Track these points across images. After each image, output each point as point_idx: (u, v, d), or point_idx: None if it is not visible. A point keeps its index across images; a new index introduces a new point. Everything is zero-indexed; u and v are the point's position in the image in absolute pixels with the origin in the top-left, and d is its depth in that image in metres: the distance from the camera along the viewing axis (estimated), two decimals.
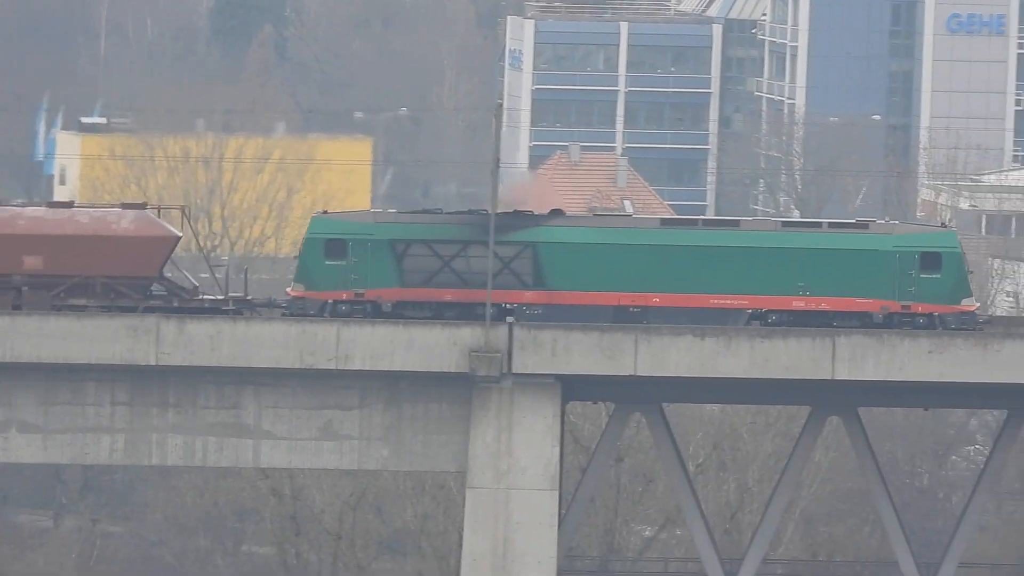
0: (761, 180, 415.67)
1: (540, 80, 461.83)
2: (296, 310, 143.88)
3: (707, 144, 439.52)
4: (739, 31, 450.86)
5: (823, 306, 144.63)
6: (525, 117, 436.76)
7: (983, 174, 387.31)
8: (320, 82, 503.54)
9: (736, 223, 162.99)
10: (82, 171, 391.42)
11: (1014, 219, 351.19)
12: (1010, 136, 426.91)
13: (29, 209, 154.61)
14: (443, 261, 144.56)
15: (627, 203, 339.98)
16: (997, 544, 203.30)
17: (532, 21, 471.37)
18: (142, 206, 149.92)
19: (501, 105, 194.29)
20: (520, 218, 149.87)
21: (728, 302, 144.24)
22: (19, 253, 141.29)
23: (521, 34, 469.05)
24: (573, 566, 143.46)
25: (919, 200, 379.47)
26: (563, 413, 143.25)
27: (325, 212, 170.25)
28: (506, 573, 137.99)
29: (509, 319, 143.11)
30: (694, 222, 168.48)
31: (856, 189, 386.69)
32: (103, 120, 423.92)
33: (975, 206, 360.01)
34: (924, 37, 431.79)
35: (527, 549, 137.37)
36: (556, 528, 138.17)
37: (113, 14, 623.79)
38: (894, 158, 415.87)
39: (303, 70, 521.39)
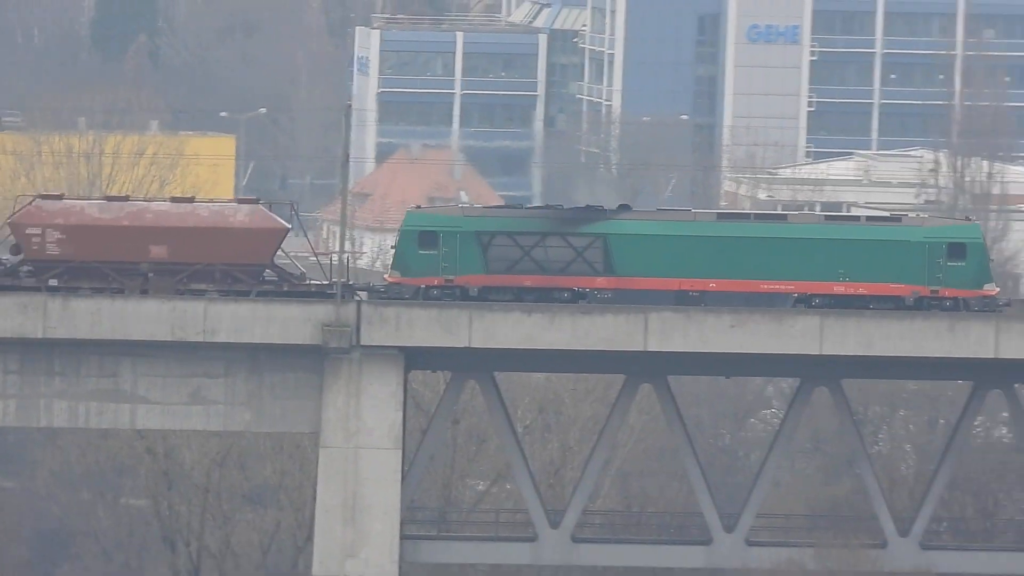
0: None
1: (385, 84, 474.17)
2: (393, 295, 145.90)
3: (533, 141, 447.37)
4: (562, 40, 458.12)
5: (860, 291, 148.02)
6: (372, 117, 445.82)
7: (779, 168, 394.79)
8: (189, 85, 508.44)
9: (784, 217, 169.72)
10: None
11: (806, 208, 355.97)
12: (803, 134, 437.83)
13: (155, 204, 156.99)
14: (523, 250, 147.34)
15: (462, 193, 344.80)
16: (791, 497, 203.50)
17: (378, 31, 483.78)
18: (255, 201, 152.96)
19: (350, 106, 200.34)
20: (592, 212, 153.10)
21: (777, 287, 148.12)
22: (147, 243, 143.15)
23: (368, 43, 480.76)
24: (414, 516, 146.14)
25: (722, 191, 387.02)
26: (406, 381, 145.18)
27: (419, 207, 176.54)
28: (355, 523, 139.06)
29: (359, 296, 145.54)
30: (747, 215, 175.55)
31: (666, 182, 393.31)
32: None
33: (772, 196, 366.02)
34: (727, 45, 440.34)
35: (374, 501, 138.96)
36: (399, 483, 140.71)
37: (3, 23, 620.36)
38: (700, 154, 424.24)
39: (174, 74, 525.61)
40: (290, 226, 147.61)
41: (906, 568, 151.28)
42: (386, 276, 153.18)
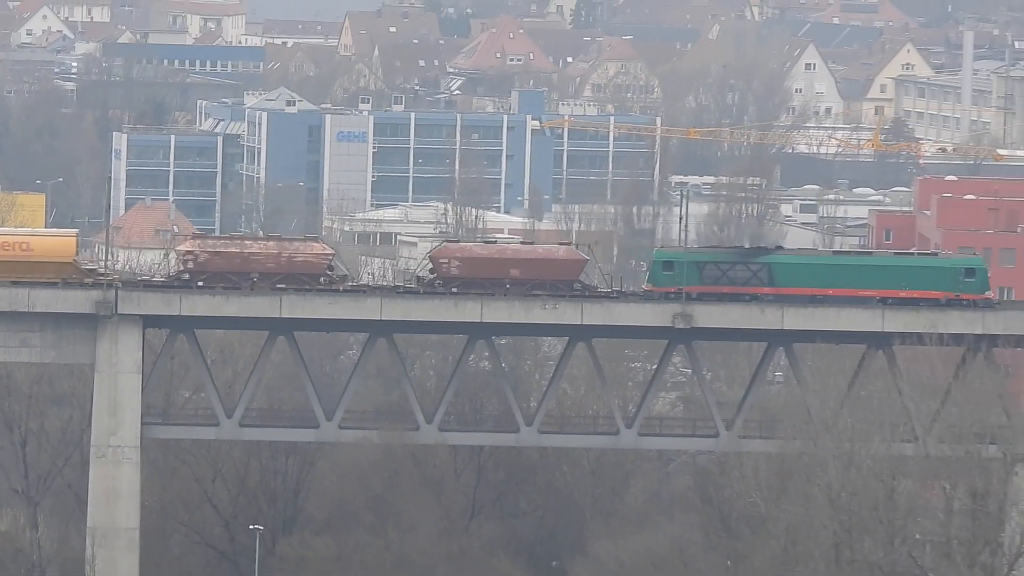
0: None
1: (130, 165, 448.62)
2: (647, 299, 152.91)
3: (216, 198, 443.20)
4: (232, 139, 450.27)
5: (914, 295, 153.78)
6: (123, 183, 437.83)
7: (356, 213, 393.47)
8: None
9: (870, 252, 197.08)
10: None
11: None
12: (370, 192, 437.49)
13: (510, 245, 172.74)
14: (722, 271, 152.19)
15: (175, 227, 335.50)
16: None
17: (125, 135, 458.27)
18: (568, 243, 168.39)
19: (111, 177, 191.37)
20: (761, 250, 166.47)
21: (869, 293, 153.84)
22: (507, 268, 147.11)
23: (120, 141, 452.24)
24: (149, 411, 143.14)
25: (323, 225, 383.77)
26: (144, 335, 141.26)
27: (662, 246, 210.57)
28: (115, 415, 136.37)
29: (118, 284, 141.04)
30: (856, 252, 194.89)
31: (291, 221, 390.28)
32: None
33: (351, 229, 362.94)
34: (326, 142, 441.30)
35: (125, 402, 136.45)
36: (140, 392, 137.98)
37: None
38: (310, 205, 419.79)
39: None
40: (588, 258, 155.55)
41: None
42: (644, 286, 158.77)
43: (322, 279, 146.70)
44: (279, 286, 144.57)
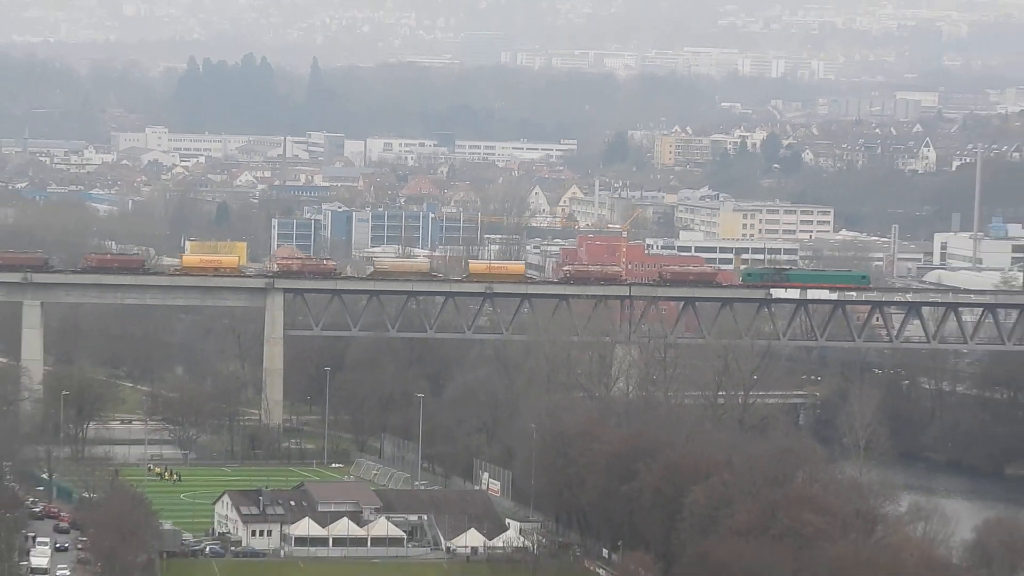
0: None
1: None
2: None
3: None
4: None
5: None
6: None
7: None
8: None
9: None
10: None
11: None
12: None
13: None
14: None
15: None
16: None
17: None
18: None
19: None
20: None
21: None
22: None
23: None
24: None
25: None
26: (284, 297, 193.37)
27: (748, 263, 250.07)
28: (274, 327, 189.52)
29: None
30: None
31: None
32: None
33: None
34: None
35: (278, 321, 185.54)
36: (282, 319, 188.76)
37: None
38: None
39: None
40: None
41: None
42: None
43: None
44: None
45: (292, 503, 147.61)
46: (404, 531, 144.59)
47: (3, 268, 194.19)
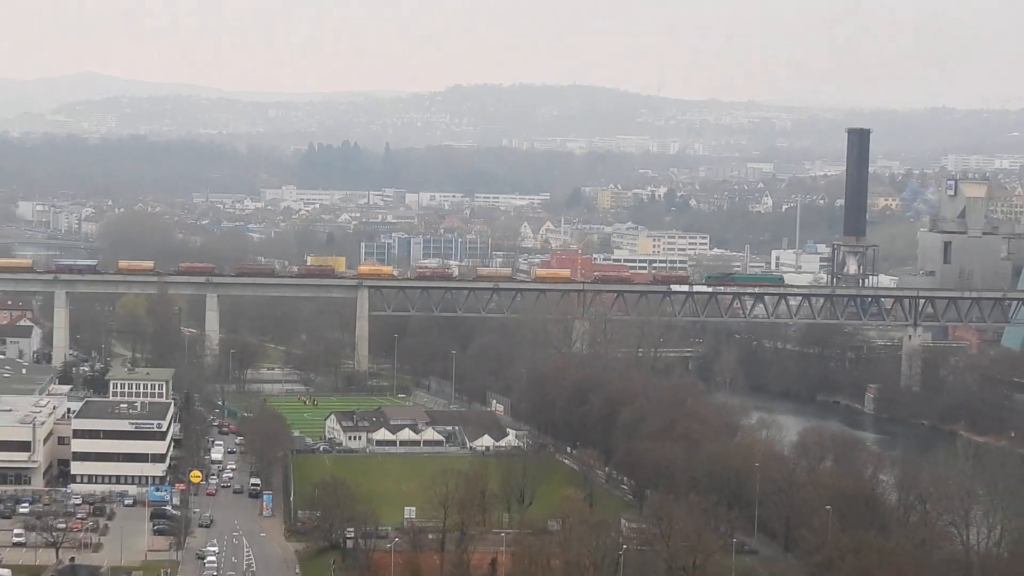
0: None
1: None
2: None
3: None
4: None
5: None
6: None
7: None
8: None
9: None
10: None
11: None
12: None
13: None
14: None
15: None
16: None
17: None
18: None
19: None
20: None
21: None
22: None
23: None
24: None
25: None
26: (368, 292, 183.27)
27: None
28: (362, 310, 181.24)
29: None
30: None
31: None
32: None
33: None
34: None
35: (364, 307, 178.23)
36: (368, 304, 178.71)
37: None
38: None
39: None
40: None
41: None
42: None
43: None
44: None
45: (374, 419, 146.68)
46: (443, 436, 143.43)
47: (194, 273, 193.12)
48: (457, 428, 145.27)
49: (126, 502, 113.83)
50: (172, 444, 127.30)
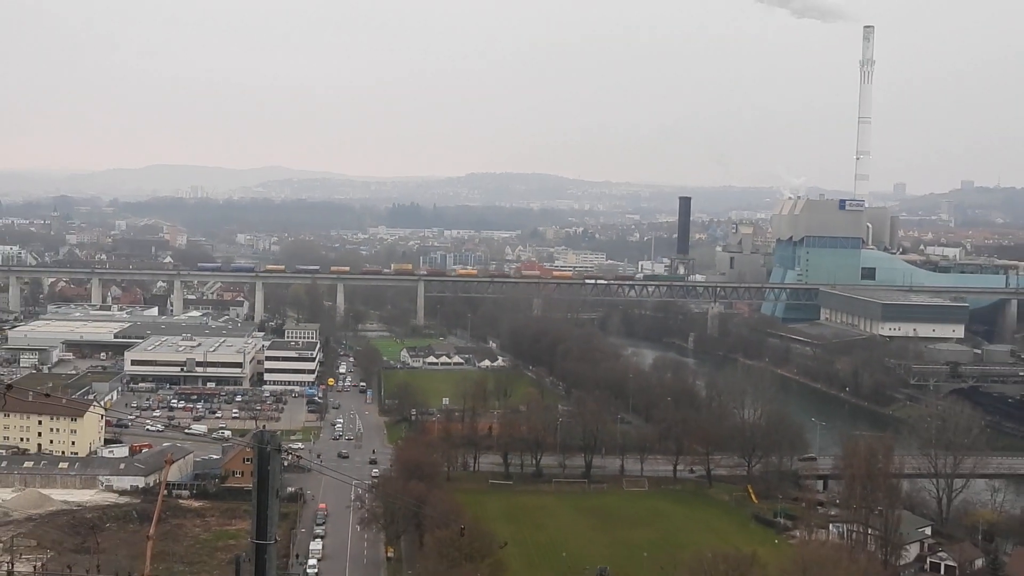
0: None
1: None
2: None
3: None
4: None
5: None
6: None
7: None
8: None
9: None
10: None
11: None
12: None
13: None
14: None
15: None
16: None
17: None
18: None
19: None
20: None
21: None
22: None
23: None
24: None
25: None
26: (424, 284, 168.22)
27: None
28: (423, 302, 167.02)
29: None
30: None
31: None
32: None
33: None
34: None
35: (421, 295, 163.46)
36: (423, 297, 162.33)
37: None
38: None
39: None
40: None
41: None
42: None
43: None
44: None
45: (426, 349, 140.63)
46: (463, 360, 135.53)
47: (332, 273, 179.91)
48: (471, 356, 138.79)
49: (294, 395, 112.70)
50: (318, 364, 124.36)
